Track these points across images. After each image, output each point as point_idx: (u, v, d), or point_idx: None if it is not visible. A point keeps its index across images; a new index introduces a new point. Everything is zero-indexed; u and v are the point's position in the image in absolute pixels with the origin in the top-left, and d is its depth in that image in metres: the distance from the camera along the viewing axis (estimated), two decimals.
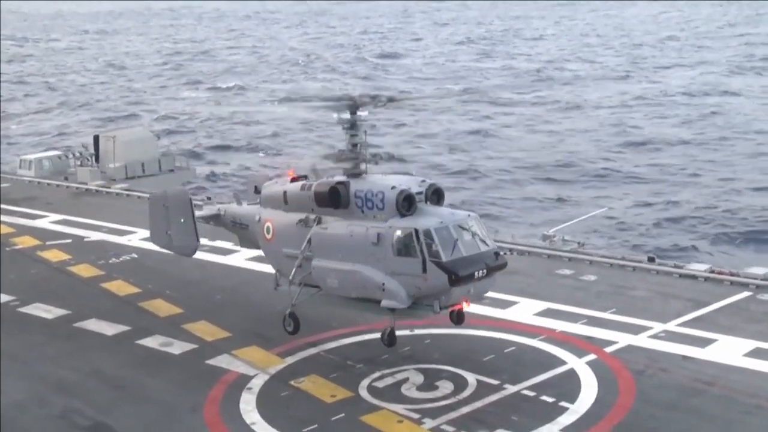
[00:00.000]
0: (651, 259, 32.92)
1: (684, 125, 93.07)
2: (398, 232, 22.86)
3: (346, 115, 24.76)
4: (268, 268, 27.81)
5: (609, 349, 25.15)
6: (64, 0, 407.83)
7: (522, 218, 61.14)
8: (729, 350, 24.78)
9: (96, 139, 54.68)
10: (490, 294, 28.44)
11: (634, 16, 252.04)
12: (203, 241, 34.31)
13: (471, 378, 23.47)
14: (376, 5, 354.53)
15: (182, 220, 27.74)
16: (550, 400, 22.26)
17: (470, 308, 26.86)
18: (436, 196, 24.24)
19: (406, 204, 23.26)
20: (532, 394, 22.62)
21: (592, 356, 24.70)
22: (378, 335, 24.66)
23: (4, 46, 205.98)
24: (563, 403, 22.03)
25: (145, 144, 54.50)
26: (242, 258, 34.44)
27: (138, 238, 37.62)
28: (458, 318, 24.65)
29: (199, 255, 34.41)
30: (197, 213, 28.68)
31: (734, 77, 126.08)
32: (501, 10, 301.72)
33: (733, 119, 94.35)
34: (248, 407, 22.49)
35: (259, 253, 30.69)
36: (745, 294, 29.13)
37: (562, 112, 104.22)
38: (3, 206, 44.49)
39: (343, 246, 23.84)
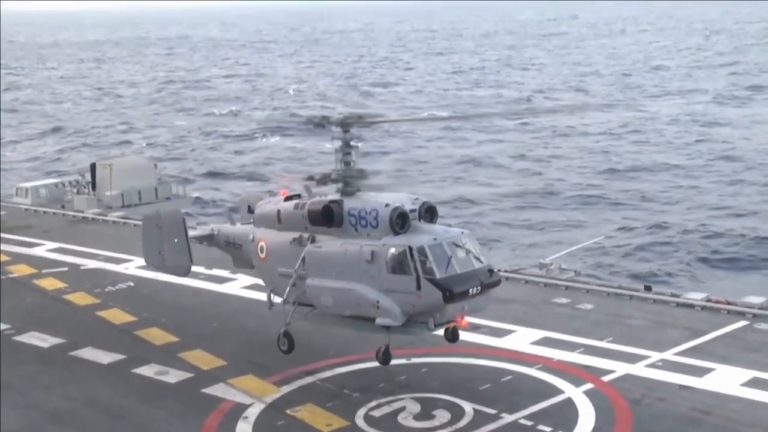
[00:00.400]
0: (648, 288, 32.97)
1: (670, 152, 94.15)
2: (392, 250, 22.93)
3: (339, 134, 24.96)
4: (264, 296, 27.75)
5: (606, 378, 25.14)
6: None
7: (507, 243, 61.63)
8: (726, 379, 24.79)
9: (93, 166, 54.74)
10: (486, 322, 28.72)
11: (625, 45, 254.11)
12: (199, 269, 34.43)
13: (468, 407, 23.40)
14: (372, 30, 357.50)
15: (176, 240, 27.64)
16: (547, 429, 22.20)
17: (467, 337, 27.02)
18: (429, 213, 24.35)
19: (400, 221, 23.38)
20: (529, 423, 22.55)
21: (589, 385, 24.68)
22: (374, 364, 24.60)
23: None
24: None
25: (142, 172, 54.57)
26: (238, 286, 34.43)
27: (134, 266, 37.54)
28: (453, 335, 24.71)
29: (195, 283, 34.65)
30: (190, 233, 28.59)
31: (721, 106, 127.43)
32: (495, 39, 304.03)
33: (717, 147, 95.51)
34: None
35: (255, 281, 30.73)
36: (742, 323, 29.15)
37: (550, 139, 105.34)
38: None
39: (337, 264, 23.90)
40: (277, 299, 26.35)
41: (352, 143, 24.98)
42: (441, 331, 24.22)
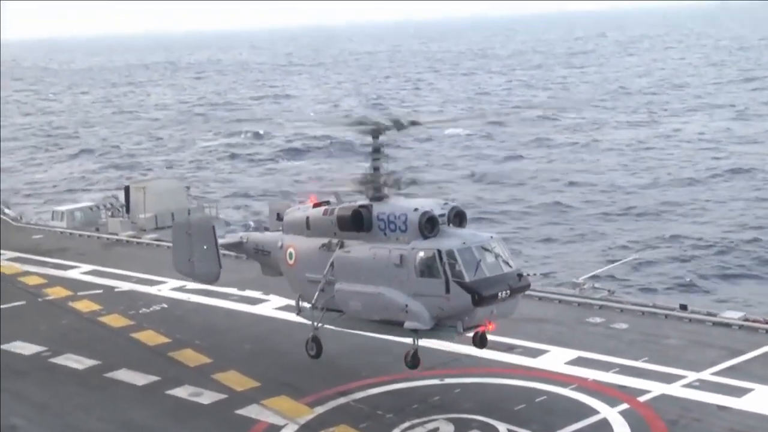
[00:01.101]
0: (683, 307, 32.52)
1: (688, 167, 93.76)
2: (421, 254, 23.03)
3: (369, 140, 25.19)
4: (297, 317, 27.83)
5: (642, 399, 24.87)
6: None
7: (525, 257, 61.52)
8: (765, 400, 24.39)
9: (127, 189, 55.28)
10: (520, 342, 28.58)
11: (647, 64, 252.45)
12: (232, 290, 34.69)
13: (502, 428, 23.25)
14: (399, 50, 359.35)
15: (205, 247, 27.76)
16: None
17: (501, 357, 26.89)
18: (458, 218, 24.46)
19: (429, 226, 23.48)
20: None
21: (624, 406, 24.43)
22: (407, 384, 24.56)
23: (33, 99, 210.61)
24: None
25: (175, 194, 54.95)
26: (271, 307, 34.53)
27: (167, 288, 37.87)
28: (481, 341, 24.69)
29: (228, 304, 34.88)
30: (220, 241, 28.73)
31: (742, 122, 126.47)
32: (521, 59, 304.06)
33: (736, 161, 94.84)
34: None
35: (288, 302, 30.82)
36: None
37: (574, 154, 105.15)
38: (36, 257, 45.05)
39: (366, 269, 24.02)
40: (306, 305, 26.45)
41: (381, 149, 25.20)
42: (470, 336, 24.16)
